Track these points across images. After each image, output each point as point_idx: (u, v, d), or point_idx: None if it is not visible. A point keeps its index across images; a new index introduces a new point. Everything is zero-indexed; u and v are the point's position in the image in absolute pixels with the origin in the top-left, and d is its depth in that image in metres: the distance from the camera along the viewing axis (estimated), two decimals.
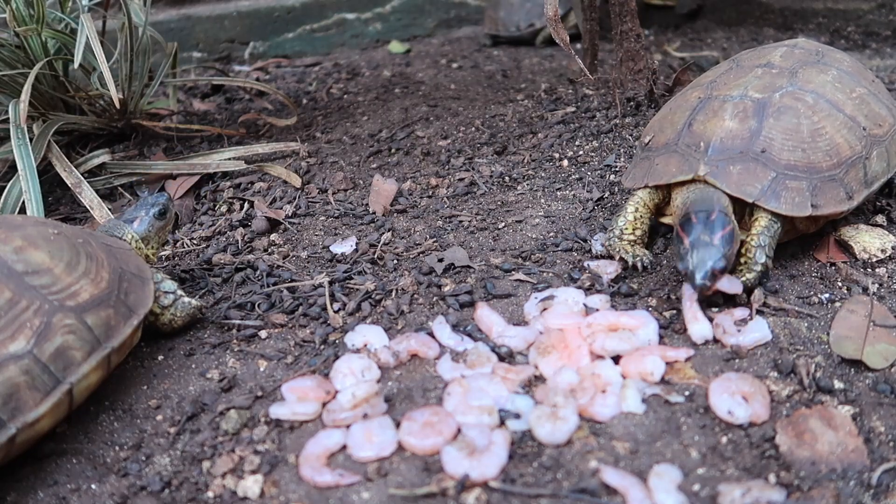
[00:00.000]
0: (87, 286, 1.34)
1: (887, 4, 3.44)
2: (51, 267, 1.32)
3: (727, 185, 1.52)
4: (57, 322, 1.26)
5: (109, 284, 1.37)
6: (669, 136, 1.66)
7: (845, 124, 1.59)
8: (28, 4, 2.17)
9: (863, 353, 1.33)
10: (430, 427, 1.22)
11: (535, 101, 2.71)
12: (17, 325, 1.23)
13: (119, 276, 1.40)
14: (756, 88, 1.63)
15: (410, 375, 1.39)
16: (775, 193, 1.51)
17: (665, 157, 1.63)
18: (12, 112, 2.00)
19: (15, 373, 1.19)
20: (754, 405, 1.23)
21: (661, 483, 1.11)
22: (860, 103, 1.65)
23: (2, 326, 1.21)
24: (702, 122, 1.62)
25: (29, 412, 1.19)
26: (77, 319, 1.28)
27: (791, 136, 1.55)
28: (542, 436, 1.21)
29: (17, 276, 1.27)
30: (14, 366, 1.19)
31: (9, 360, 1.19)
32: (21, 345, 1.21)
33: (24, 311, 1.24)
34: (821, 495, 1.09)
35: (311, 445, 1.23)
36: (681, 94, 1.80)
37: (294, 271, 1.76)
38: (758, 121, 1.57)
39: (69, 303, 1.29)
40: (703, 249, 1.40)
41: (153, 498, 1.20)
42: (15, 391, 1.18)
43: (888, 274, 1.57)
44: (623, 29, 2.45)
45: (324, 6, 3.85)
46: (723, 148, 1.56)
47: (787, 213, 1.50)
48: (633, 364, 1.33)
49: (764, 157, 1.54)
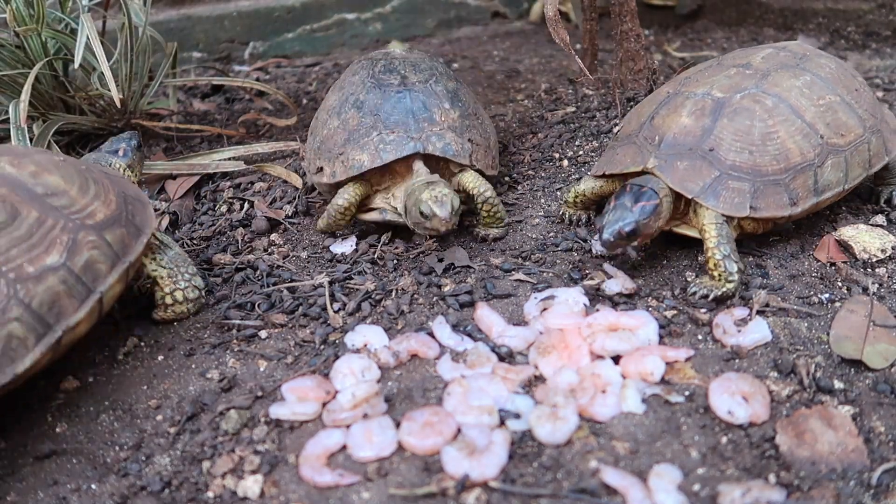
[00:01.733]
0: (101, 207, 1.44)
1: (887, 4, 3.44)
2: (67, 189, 1.41)
3: (671, 180, 1.56)
4: (82, 239, 1.36)
5: (118, 206, 1.47)
6: (633, 128, 1.73)
7: (801, 130, 1.60)
8: (28, 4, 2.16)
9: (862, 353, 1.33)
10: (430, 427, 1.22)
11: (535, 101, 2.71)
12: (48, 242, 1.33)
13: (124, 199, 1.50)
14: (721, 88, 1.66)
15: (410, 375, 1.39)
16: (715, 192, 1.54)
17: (625, 148, 1.70)
18: (12, 112, 1.99)
19: (54, 282, 1.30)
20: (754, 405, 1.23)
21: (661, 483, 1.11)
22: (825, 111, 1.64)
23: (35, 243, 1.31)
24: (662, 117, 1.67)
25: (70, 317, 1.31)
26: (98, 236, 1.39)
27: (741, 138, 1.58)
28: (542, 436, 1.21)
29: (38, 197, 1.36)
30: (53, 276, 1.30)
31: (48, 272, 1.30)
32: (55, 258, 1.32)
33: (52, 229, 1.34)
34: (821, 495, 1.09)
35: (311, 445, 1.23)
36: (659, 88, 1.84)
37: (294, 271, 1.76)
38: (712, 120, 1.60)
39: (88, 222, 1.40)
40: (620, 211, 1.50)
41: (153, 498, 1.20)
42: (56, 299, 1.30)
43: (888, 274, 1.57)
44: (623, 29, 2.45)
45: (324, 6, 3.85)
46: (675, 143, 1.61)
47: (724, 211, 1.53)
48: (633, 364, 1.33)
49: (711, 155, 1.57)
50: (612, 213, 1.51)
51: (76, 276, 1.32)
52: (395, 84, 1.83)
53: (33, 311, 1.26)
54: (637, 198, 1.52)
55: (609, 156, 1.74)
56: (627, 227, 1.49)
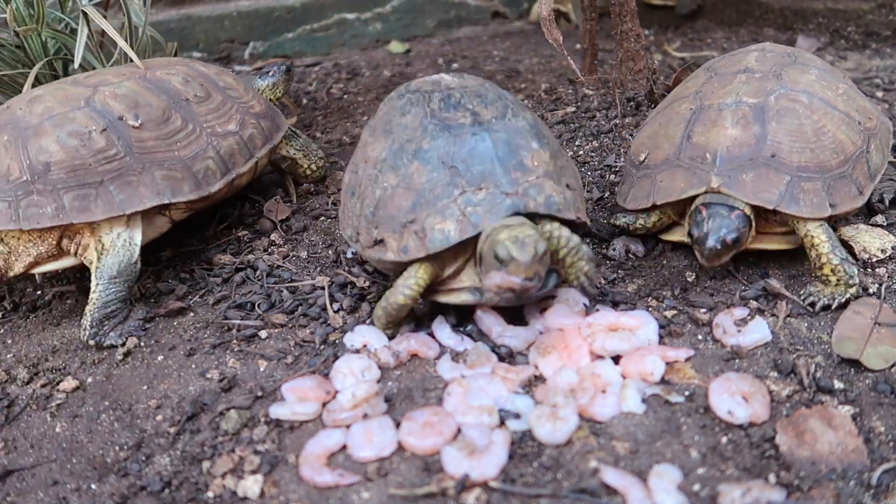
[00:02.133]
0: (256, 104, 1.95)
1: (887, 4, 3.44)
2: (237, 87, 1.94)
3: (744, 194, 1.49)
4: (247, 120, 1.88)
5: (266, 107, 1.99)
6: (668, 151, 1.62)
7: (843, 120, 1.59)
8: (28, 4, 2.17)
9: (862, 354, 1.33)
10: (430, 427, 1.22)
11: (535, 101, 2.71)
12: (228, 117, 1.84)
13: (269, 104, 2.03)
14: (748, 94, 1.61)
15: (410, 375, 1.39)
16: (794, 197, 1.49)
17: (669, 173, 1.59)
18: None
19: (232, 142, 1.81)
20: (754, 405, 1.23)
21: (661, 483, 1.11)
22: (848, 99, 1.65)
23: (221, 114, 1.83)
24: (702, 133, 1.58)
25: (240, 167, 1.82)
26: (257, 121, 1.90)
27: (797, 138, 1.54)
28: (542, 436, 1.21)
29: (221, 88, 1.89)
30: (232, 138, 1.81)
31: (229, 134, 1.81)
32: (233, 126, 1.83)
33: (230, 109, 1.86)
34: (821, 495, 1.09)
35: (311, 445, 1.23)
36: (665, 107, 1.76)
37: (294, 271, 1.76)
38: (760, 126, 1.55)
39: (251, 111, 1.91)
40: (719, 219, 1.44)
41: (153, 498, 1.20)
42: (233, 153, 1.80)
43: (888, 274, 1.57)
44: (623, 29, 2.45)
45: (324, 6, 3.85)
46: (731, 157, 1.53)
47: (807, 215, 1.48)
48: (633, 364, 1.33)
49: (774, 161, 1.51)
50: (709, 223, 1.44)
51: (244, 142, 1.83)
52: (468, 123, 1.43)
53: (221, 157, 1.77)
54: (731, 209, 1.46)
55: (647, 185, 1.63)
56: (731, 235, 1.43)
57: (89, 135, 1.58)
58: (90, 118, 1.61)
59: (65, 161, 1.55)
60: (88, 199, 1.54)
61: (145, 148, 1.64)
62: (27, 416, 1.42)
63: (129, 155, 1.60)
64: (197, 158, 1.70)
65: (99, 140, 1.59)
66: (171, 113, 1.71)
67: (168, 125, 1.69)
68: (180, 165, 1.67)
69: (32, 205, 1.51)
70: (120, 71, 1.80)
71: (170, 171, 1.65)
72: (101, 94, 1.67)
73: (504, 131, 1.43)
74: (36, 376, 1.52)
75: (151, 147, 1.65)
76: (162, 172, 1.63)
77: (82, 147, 1.57)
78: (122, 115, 1.64)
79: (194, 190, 1.68)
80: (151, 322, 1.62)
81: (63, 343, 1.61)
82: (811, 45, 3.22)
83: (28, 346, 1.62)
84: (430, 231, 1.37)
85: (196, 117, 1.75)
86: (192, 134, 1.72)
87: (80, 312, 1.72)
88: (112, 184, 1.57)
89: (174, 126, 1.70)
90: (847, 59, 3.02)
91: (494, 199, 1.36)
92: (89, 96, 1.66)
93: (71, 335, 1.64)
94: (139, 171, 1.61)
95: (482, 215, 1.35)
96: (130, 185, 1.59)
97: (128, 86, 1.71)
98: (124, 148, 1.61)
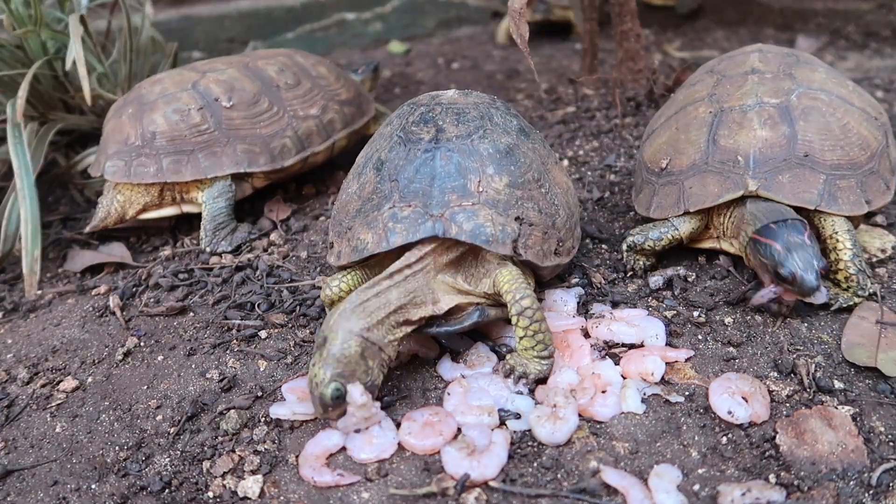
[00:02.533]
0: (344, 92, 2.21)
1: (887, 4, 3.44)
2: (328, 76, 2.21)
3: (783, 196, 1.46)
4: (330, 106, 2.14)
5: (354, 95, 2.25)
6: (694, 157, 1.58)
7: (862, 116, 1.59)
8: (26, 5, 2.16)
9: (877, 361, 1.32)
10: (431, 427, 1.22)
11: (535, 101, 2.71)
12: (312, 102, 2.10)
13: (359, 93, 2.29)
14: (767, 94, 1.59)
15: (410, 375, 1.39)
16: (832, 196, 1.47)
17: (699, 179, 1.55)
18: (10, 111, 1.99)
19: (311, 124, 2.07)
20: (754, 405, 1.23)
21: (661, 483, 1.11)
22: (860, 95, 1.66)
23: (306, 100, 2.09)
24: (729, 136, 1.55)
25: (316, 146, 2.07)
26: (339, 107, 2.16)
27: (826, 136, 1.52)
28: (542, 436, 1.21)
29: (313, 78, 2.16)
30: (311, 121, 2.07)
31: (309, 118, 2.07)
32: (315, 111, 2.09)
33: (315, 96, 2.12)
34: (821, 495, 1.09)
35: (310, 446, 1.23)
36: (676, 112, 1.72)
37: (294, 271, 1.76)
38: (789, 126, 1.53)
39: (336, 98, 2.17)
40: (801, 250, 1.35)
41: (153, 498, 1.20)
42: (310, 134, 2.06)
43: (888, 274, 1.57)
44: (623, 29, 2.45)
45: (324, 6, 3.85)
46: (764, 158, 1.50)
47: (846, 213, 1.47)
48: (634, 364, 1.33)
49: (808, 160, 1.49)
50: (795, 257, 1.35)
51: (322, 125, 2.09)
52: (426, 139, 1.41)
53: (298, 136, 2.03)
54: (797, 230, 1.39)
55: (674, 192, 1.59)
56: (822, 264, 1.36)
57: (189, 111, 1.93)
58: (192, 98, 1.95)
59: (167, 132, 1.90)
60: (181, 164, 1.89)
61: (232, 125, 1.95)
62: (27, 416, 1.42)
63: (219, 130, 1.93)
64: (276, 136, 1.99)
65: (195, 116, 1.93)
66: (260, 97, 2.01)
67: (256, 107, 1.99)
68: (260, 141, 1.96)
69: (141, 164, 1.89)
70: (229, 60, 2.14)
71: (250, 146, 1.94)
72: (207, 78, 2.00)
73: (459, 152, 1.38)
74: (36, 376, 1.52)
75: (238, 125, 1.96)
76: (243, 146, 1.94)
77: (181, 122, 1.91)
78: (219, 96, 1.96)
79: (269, 163, 1.96)
80: (255, 239, 1.92)
81: (63, 343, 1.61)
82: (811, 46, 3.22)
83: (28, 346, 1.62)
84: (355, 240, 1.38)
85: (282, 101, 2.04)
86: (276, 115, 2.01)
87: (80, 312, 1.72)
88: (201, 152, 1.91)
89: (261, 108, 2.00)
90: (847, 59, 3.02)
91: (417, 218, 1.32)
92: (197, 80, 1.99)
93: (71, 335, 1.64)
94: (224, 143, 1.92)
95: (399, 233, 1.32)
96: (215, 154, 1.91)
97: (230, 73, 2.03)
98: (215, 124, 1.93)
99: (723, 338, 1.41)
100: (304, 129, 2.04)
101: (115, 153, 1.91)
